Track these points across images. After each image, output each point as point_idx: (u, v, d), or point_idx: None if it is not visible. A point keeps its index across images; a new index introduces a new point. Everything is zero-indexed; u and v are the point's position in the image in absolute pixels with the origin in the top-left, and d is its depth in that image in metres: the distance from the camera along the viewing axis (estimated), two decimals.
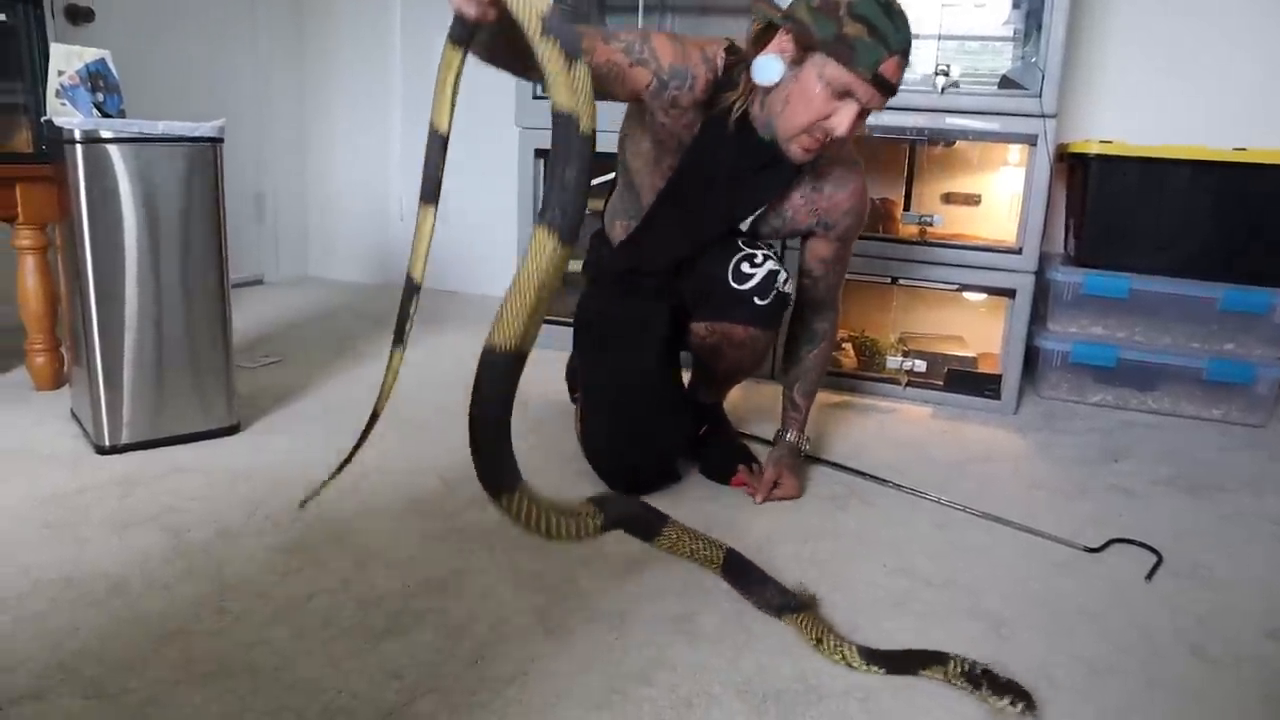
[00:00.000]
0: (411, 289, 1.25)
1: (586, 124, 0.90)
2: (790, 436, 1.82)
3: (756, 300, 1.63)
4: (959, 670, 1.13)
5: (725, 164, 1.62)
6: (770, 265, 1.63)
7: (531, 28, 0.90)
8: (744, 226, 1.73)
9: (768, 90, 1.52)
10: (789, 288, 1.67)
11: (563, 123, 0.90)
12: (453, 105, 1.19)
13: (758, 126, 1.57)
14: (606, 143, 1.10)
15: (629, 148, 1.70)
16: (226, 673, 1.10)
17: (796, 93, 1.47)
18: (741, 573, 1.35)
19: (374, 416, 1.29)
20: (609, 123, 1.19)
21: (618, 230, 1.81)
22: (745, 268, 1.63)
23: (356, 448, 1.33)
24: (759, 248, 1.66)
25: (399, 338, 1.26)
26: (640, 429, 1.71)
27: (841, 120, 1.46)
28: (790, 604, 1.28)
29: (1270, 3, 2.61)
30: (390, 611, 1.25)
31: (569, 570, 1.39)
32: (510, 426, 1.01)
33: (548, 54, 0.90)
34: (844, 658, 1.17)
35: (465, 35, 1.17)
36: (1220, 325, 2.38)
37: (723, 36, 1.59)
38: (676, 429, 1.79)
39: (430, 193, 1.21)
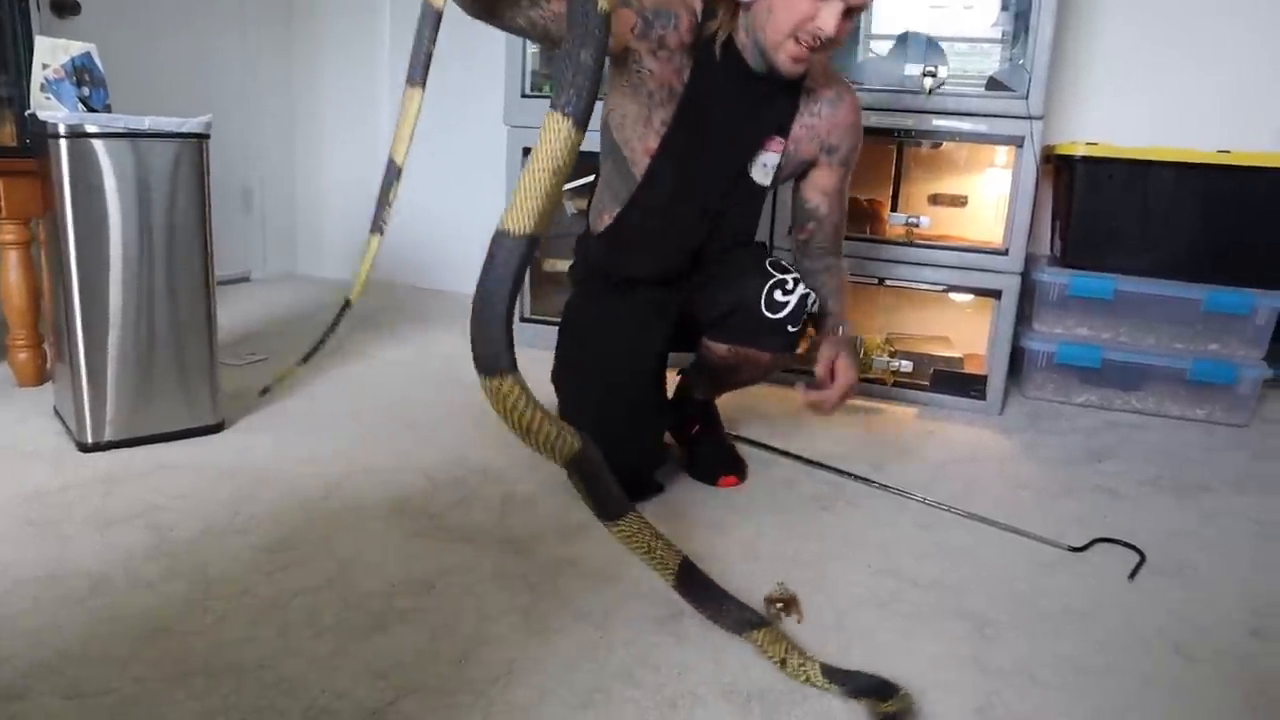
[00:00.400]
0: (393, 173, 1.23)
1: (604, 2, 0.90)
2: (843, 332, 1.68)
3: (789, 328, 1.61)
4: (908, 707, 1.10)
5: (721, 104, 1.61)
6: (801, 290, 1.61)
7: None
8: (756, 176, 1.68)
9: (749, 9, 1.53)
10: (816, 307, 1.67)
11: (581, 1, 0.90)
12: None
13: (746, 56, 1.58)
14: (588, 142, 1.10)
15: (614, 121, 1.66)
16: (209, 672, 1.09)
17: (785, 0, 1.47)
18: (697, 586, 1.26)
19: (347, 303, 1.32)
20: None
21: (605, 221, 1.73)
22: (779, 295, 1.60)
23: (329, 331, 1.34)
24: (787, 271, 1.63)
25: (377, 226, 1.25)
26: (619, 441, 1.55)
27: (828, 18, 1.44)
28: (751, 620, 1.22)
29: (1251, 10, 2.62)
30: (374, 611, 1.25)
31: (553, 569, 1.39)
32: (513, 313, 1.00)
33: None
34: (808, 678, 1.14)
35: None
36: (1204, 326, 2.40)
37: None
38: (656, 442, 1.74)
39: (418, 75, 1.24)
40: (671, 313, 1.71)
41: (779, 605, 1.30)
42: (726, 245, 1.73)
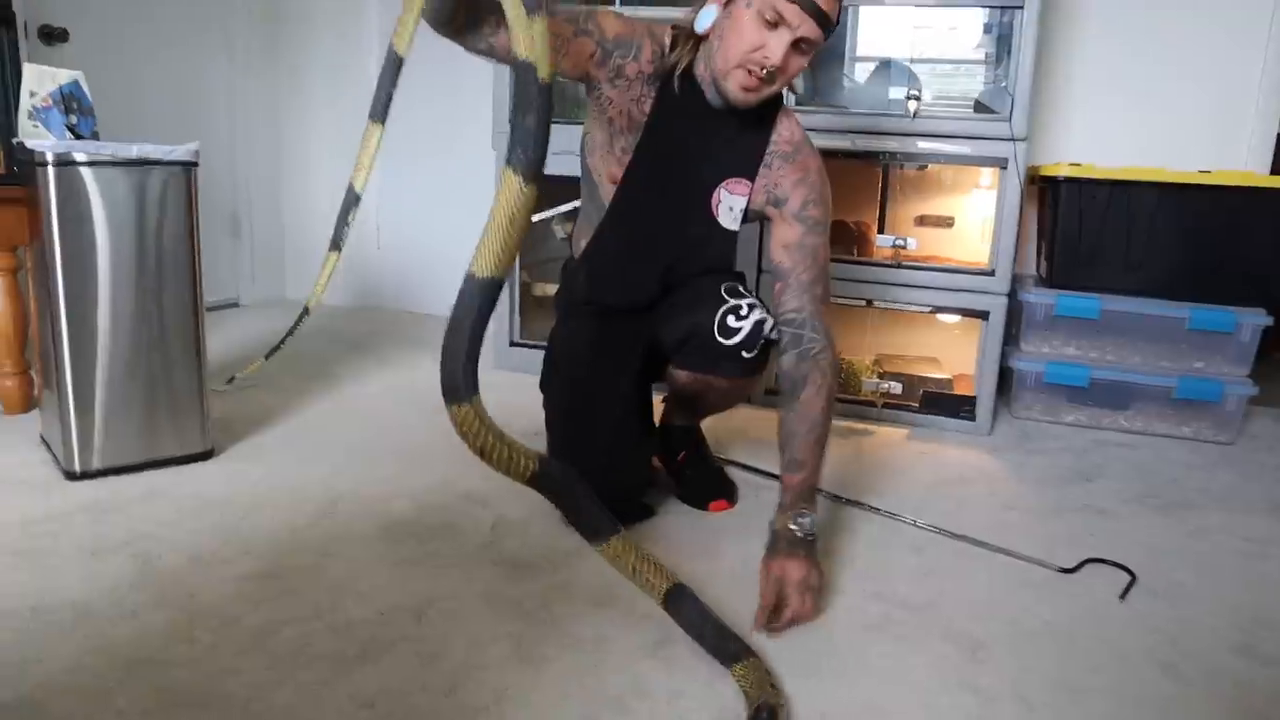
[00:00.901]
0: (352, 198, 1.38)
1: (544, 72, 0.99)
2: (778, 524, 1.46)
3: (744, 354, 1.61)
4: None
5: (681, 138, 1.62)
6: (756, 315, 1.60)
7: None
8: (722, 219, 1.67)
9: (707, 40, 1.55)
10: (775, 334, 1.62)
11: (523, 72, 1.00)
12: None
13: (705, 89, 1.59)
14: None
15: (587, 145, 1.69)
16: (197, 703, 1.08)
17: (729, 27, 1.49)
18: (689, 611, 1.24)
19: (305, 311, 1.44)
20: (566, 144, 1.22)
21: (582, 246, 1.75)
22: (731, 321, 1.60)
23: (287, 335, 1.41)
24: (742, 296, 1.63)
25: (336, 244, 1.41)
26: (605, 466, 1.59)
27: (775, 48, 1.45)
28: (735, 652, 1.20)
29: (1230, 31, 2.66)
30: (363, 639, 1.24)
31: (544, 596, 1.39)
32: (479, 346, 1.09)
33: (511, 6, 1.00)
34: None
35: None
36: (1189, 344, 2.41)
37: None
38: (642, 466, 1.74)
39: (380, 114, 1.35)
40: (644, 341, 1.70)
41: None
42: (696, 275, 1.70)
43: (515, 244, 1.04)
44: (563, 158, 1.82)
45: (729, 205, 1.67)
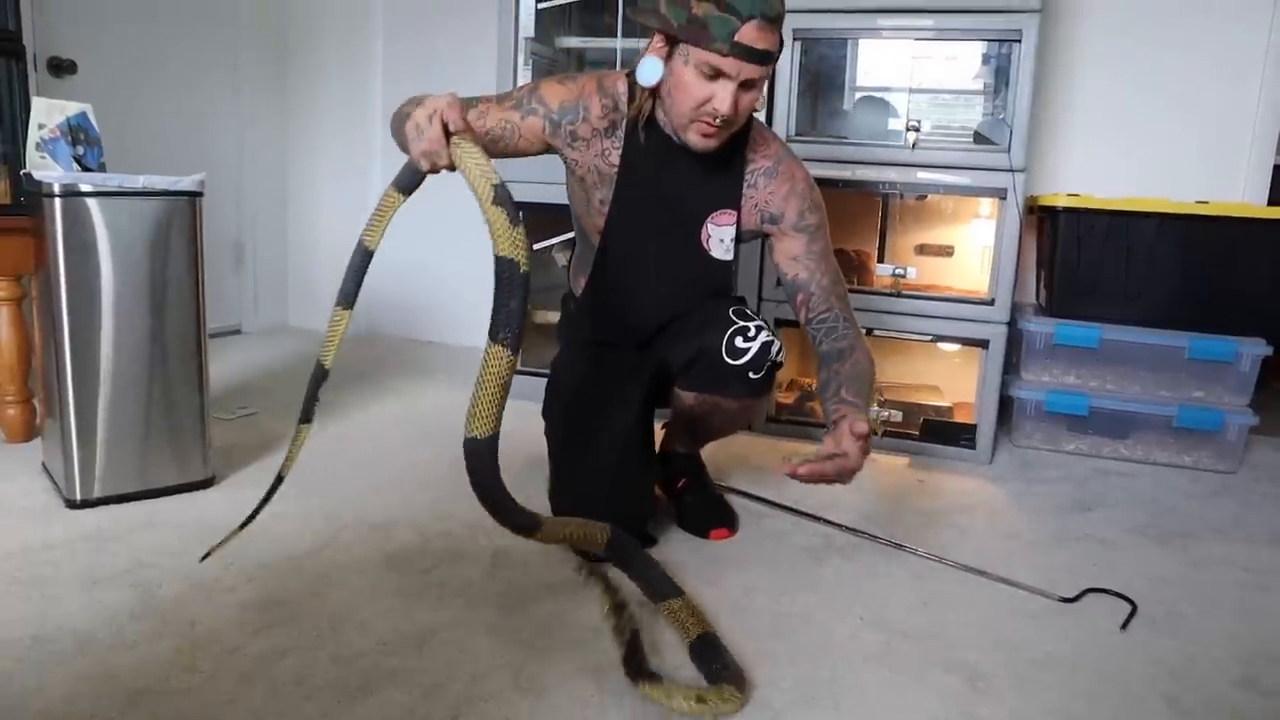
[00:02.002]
0: (321, 375, 1.47)
1: (525, 266, 1.21)
2: (861, 419, 1.41)
3: (751, 375, 1.63)
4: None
5: (661, 180, 1.66)
6: (764, 337, 1.63)
7: (483, 196, 1.24)
8: (715, 252, 1.70)
9: (658, 93, 1.59)
10: (781, 356, 1.66)
11: (506, 266, 1.21)
12: (383, 232, 1.44)
13: (670, 133, 1.63)
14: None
15: (570, 199, 1.77)
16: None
17: (674, 84, 1.53)
18: (626, 553, 1.45)
19: (279, 479, 1.51)
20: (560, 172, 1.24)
21: (580, 284, 1.81)
22: (739, 342, 1.62)
23: (259, 507, 1.50)
24: (750, 319, 1.65)
25: (306, 416, 1.50)
26: (607, 497, 1.62)
27: (723, 99, 1.48)
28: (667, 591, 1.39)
29: (1226, 65, 2.69)
30: (364, 669, 1.24)
31: (545, 626, 1.39)
32: (504, 488, 1.30)
33: (495, 217, 1.22)
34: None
35: (413, 184, 1.42)
36: (1189, 373, 2.42)
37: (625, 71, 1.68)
38: (645, 496, 1.73)
39: (347, 298, 1.43)
40: (650, 369, 1.72)
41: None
42: (699, 305, 1.73)
43: (503, 404, 1.25)
44: (542, 187, 1.85)
45: (719, 238, 1.70)
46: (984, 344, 2.41)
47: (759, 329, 1.63)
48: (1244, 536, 1.95)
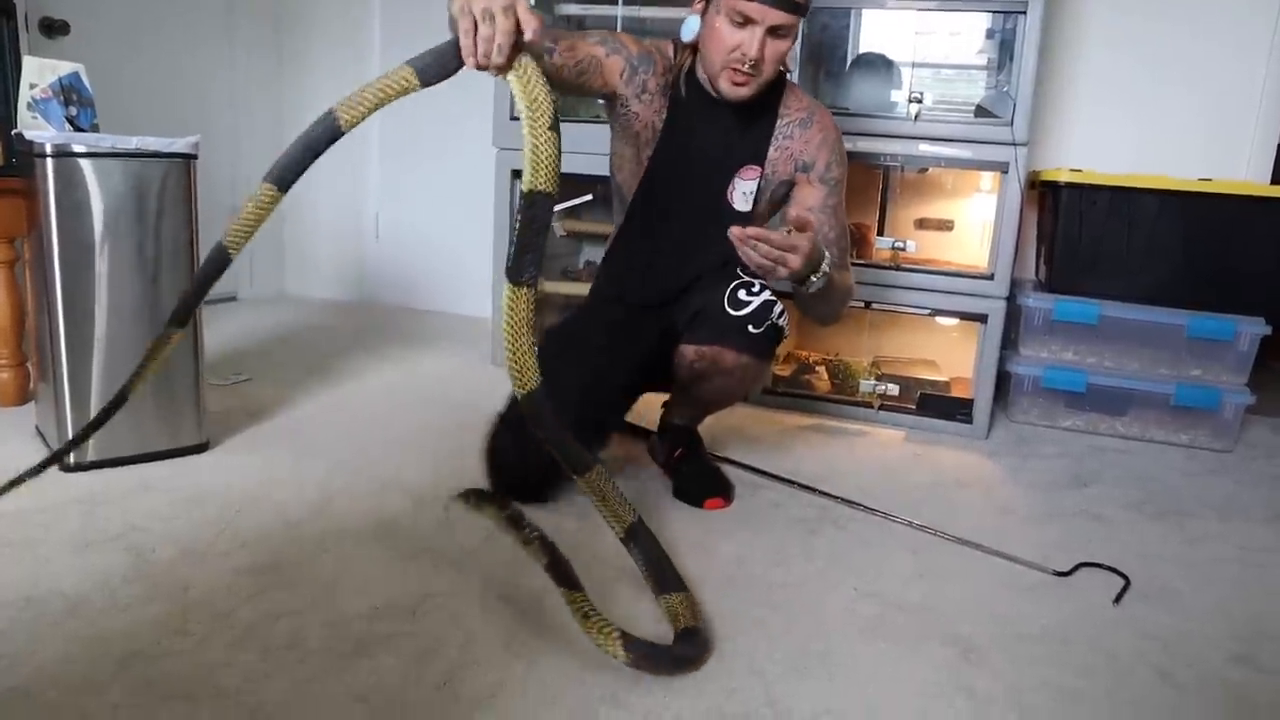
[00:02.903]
0: (223, 261, 1.22)
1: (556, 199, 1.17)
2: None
3: (750, 328, 1.65)
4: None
5: (697, 135, 1.75)
6: (767, 295, 1.67)
7: (539, 120, 1.14)
8: (737, 204, 1.77)
9: (696, 48, 1.69)
10: (783, 321, 1.69)
11: (542, 201, 1.15)
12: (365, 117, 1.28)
13: (708, 87, 1.72)
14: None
15: (615, 164, 1.85)
16: (189, 696, 1.08)
17: (708, 35, 1.64)
18: (646, 543, 1.36)
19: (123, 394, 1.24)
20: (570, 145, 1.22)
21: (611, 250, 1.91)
22: (742, 294, 1.67)
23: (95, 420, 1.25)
24: (756, 279, 1.68)
25: (180, 320, 1.24)
26: (579, 403, 1.62)
27: (750, 45, 1.58)
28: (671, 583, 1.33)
29: (1232, 41, 2.66)
30: (357, 634, 1.24)
31: (538, 593, 1.38)
32: (564, 430, 1.25)
33: (547, 146, 1.14)
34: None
35: (440, 75, 1.27)
36: (1187, 351, 2.41)
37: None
38: (592, 438, 1.71)
39: (284, 180, 1.28)
40: (649, 338, 1.75)
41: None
42: (715, 269, 1.77)
43: (533, 349, 1.19)
44: (570, 156, 1.84)
45: (743, 190, 1.79)
46: (982, 319, 2.40)
47: (764, 288, 1.68)
48: (1240, 514, 1.95)
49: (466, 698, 1.11)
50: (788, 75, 1.81)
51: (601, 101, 1.83)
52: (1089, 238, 2.46)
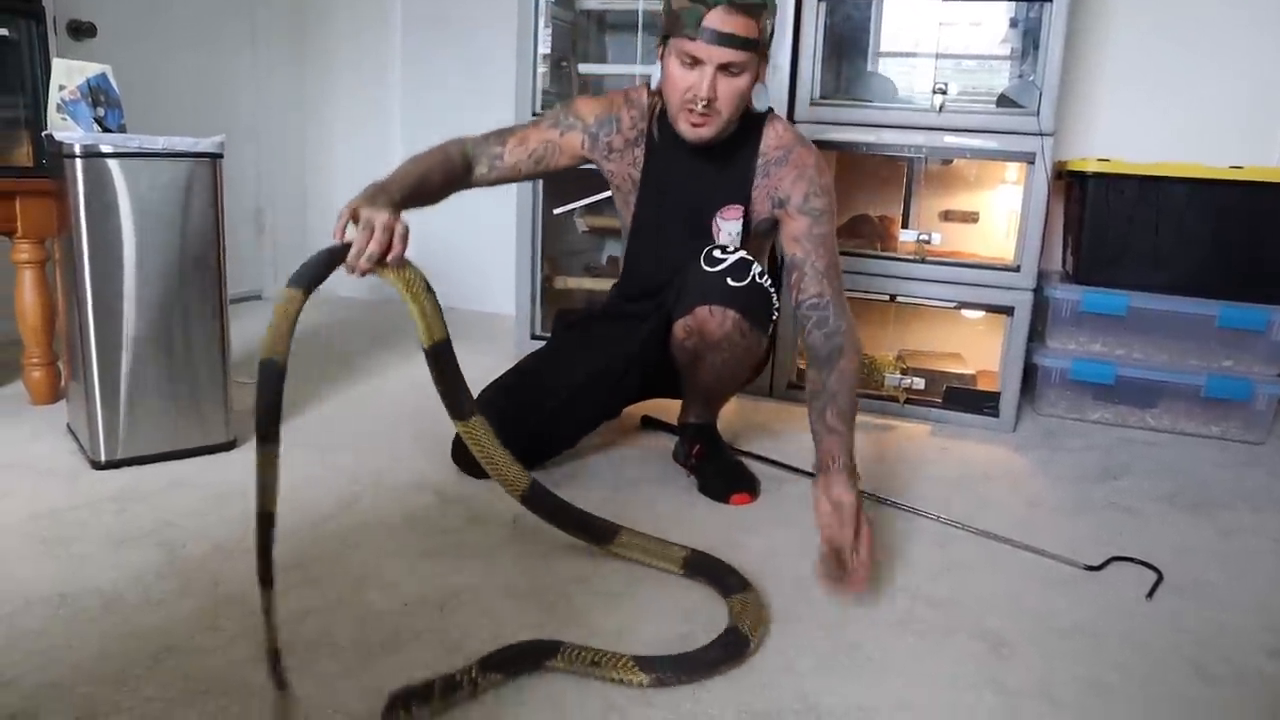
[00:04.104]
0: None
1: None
2: (841, 461, 1.47)
3: (730, 281, 1.65)
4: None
5: (675, 179, 1.77)
6: (743, 254, 1.68)
7: (415, 286, 1.37)
8: (724, 241, 1.77)
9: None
10: (767, 282, 1.69)
11: (443, 348, 1.39)
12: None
13: (679, 132, 1.70)
14: None
15: (615, 203, 1.91)
16: (221, 691, 1.09)
17: (665, 79, 1.64)
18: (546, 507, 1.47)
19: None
20: None
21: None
22: (717, 254, 1.68)
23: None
24: (729, 245, 1.73)
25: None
26: (544, 418, 1.78)
27: (700, 84, 1.57)
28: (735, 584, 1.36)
29: (1264, 23, 2.62)
30: (386, 629, 1.25)
31: (565, 588, 1.39)
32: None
33: (424, 305, 1.37)
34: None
35: (318, 282, 1.32)
36: (1218, 342, 2.38)
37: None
38: (561, 438, 1.88)
39: (264, 429, 1.17)
40: (645, 329, 1.79)
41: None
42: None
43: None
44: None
45: (727, 231, 1.79)
46: (1009, 311, 2.38)
47: (737, 250, 1.69)
48: (1273, 506, 1.92)
49: (495, 692, 1.11)
50: (769, 109, 1.75)
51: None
52: (1117, 228, 2.43)
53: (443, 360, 1.37)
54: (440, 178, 1.66)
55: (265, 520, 1.10)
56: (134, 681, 1.10)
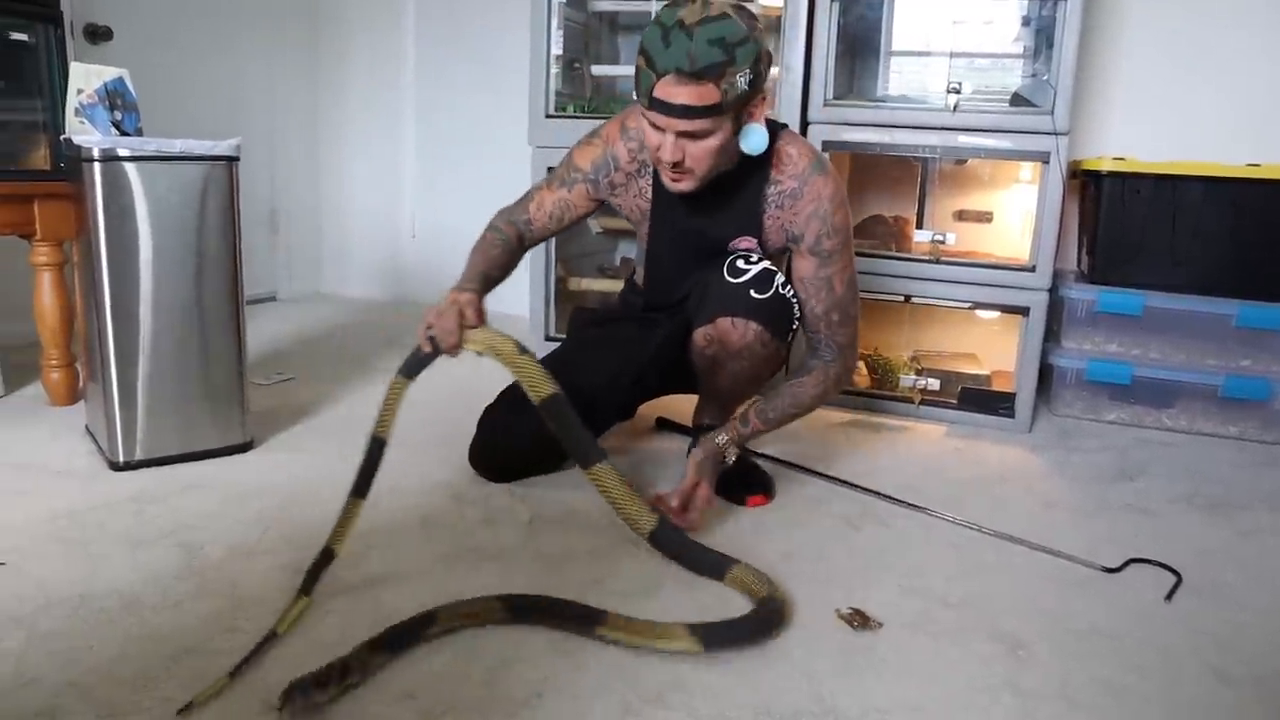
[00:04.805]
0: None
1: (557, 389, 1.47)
2: (720, 438, 1.67)
3: (754, 293, 1.65)
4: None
5: (683, 211, 1.73)
6: (766, 265, 1.68)
7: (506, 356, 1.53)
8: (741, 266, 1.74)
9: None
10: (789, 292, 1.69)
11: (557, 401, 1.46)
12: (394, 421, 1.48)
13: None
14: None
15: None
16: (240, 692, 1.09)
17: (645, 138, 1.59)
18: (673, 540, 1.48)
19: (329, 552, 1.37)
20: None
21: (638, 275, 1.97)
22: (740, 264, 1.68)
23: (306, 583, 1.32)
24: (753, 253, 1.72)
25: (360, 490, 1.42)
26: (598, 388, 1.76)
27: (665, 148, 1.52)
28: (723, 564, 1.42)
29: (1278, 20, 2.61)
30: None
31: (582, 590, 1.39)
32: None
33: (525, 366, 1.51)
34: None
35: (419, 369, 1.55)
36: (1236, 342, 2.36)
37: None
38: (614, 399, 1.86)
39: (359, 489, 1.42)
40: (664, 329, 1.81)
41: (855, 622, 1.33)
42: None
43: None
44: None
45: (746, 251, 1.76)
46: (1024, 311, 2.37)
47: (760, 260, 1.69)
48: None
49: (514, 694, 1.11)
50: (781, 131, 1.70)
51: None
52: (1133, 227, 2.42)
53: (557, 414, 1.45)
54: (500, 253, 1.75)
55: (327, 556, 1.35)
56: (153, 682, 1.10)
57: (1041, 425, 2.44)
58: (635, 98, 1.55)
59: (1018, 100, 2.43)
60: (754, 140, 1.58)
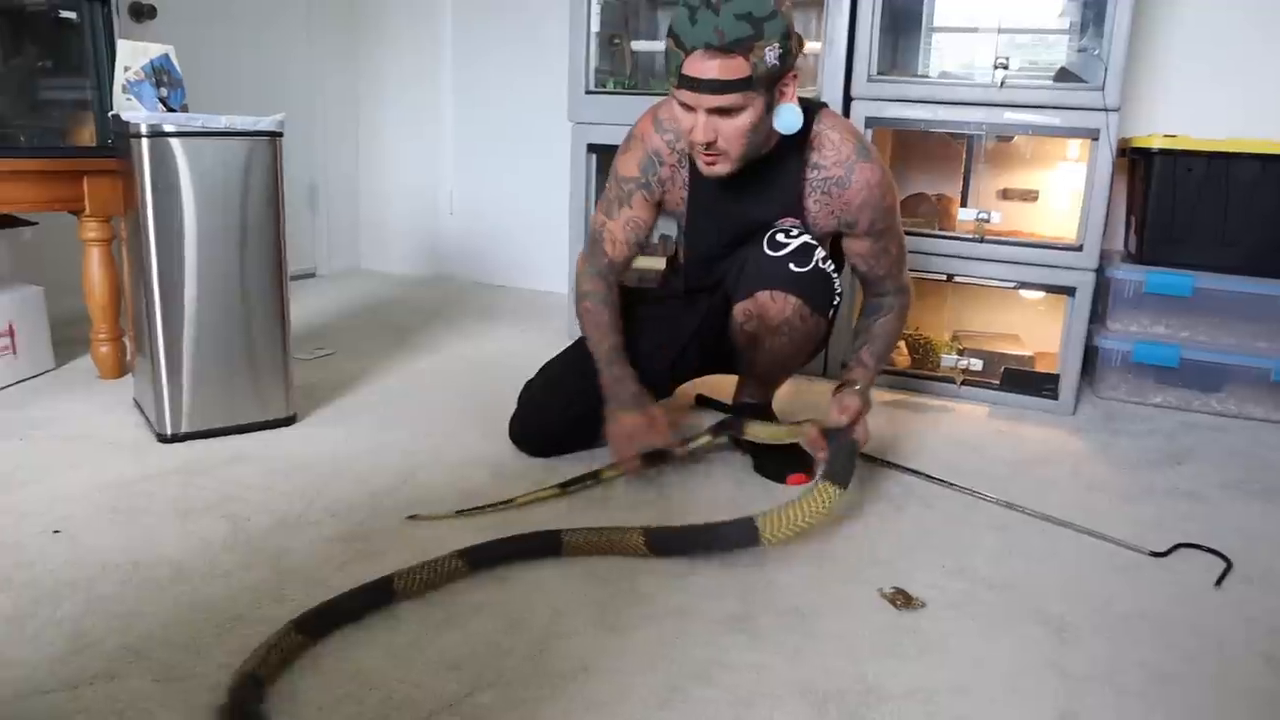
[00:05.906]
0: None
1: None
2: (859, 386, 1.70)
3: (793, 266, 1.64)
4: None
5: (720, 195, 1.71)
6: (806, 238, 1.66)
7: (766, 436, 1.78)
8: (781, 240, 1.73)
9: None
10: (829, 267, 1.67)
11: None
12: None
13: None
14: None
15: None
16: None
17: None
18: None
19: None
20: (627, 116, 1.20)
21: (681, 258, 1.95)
22: (780, 238, 1.66)
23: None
24: (794, 228, 1.69)
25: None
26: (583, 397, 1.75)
27: (697, 129, 1.51)
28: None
29: None
30: (447, 603, 1.26)
31: (627, 565, 1.39)
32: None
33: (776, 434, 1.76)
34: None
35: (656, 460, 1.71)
36: None
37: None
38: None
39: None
40: (704, 307, 1.82)
41: (898, 602, 1.33)
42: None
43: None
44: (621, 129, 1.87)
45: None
46: (1070, 291, 2.33)
47: (801, 233, 1.67)
48: None
49: (559, 668, 1.12)
50: (819, 111, 1.68)
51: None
52: (1183, 207, 2.36)
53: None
54: (609, 314, 1.77)
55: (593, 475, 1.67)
56: (204, 649, 1.13)
57: (1085, 408, 2.40)
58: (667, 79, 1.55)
59: (1064, 75, 2.38)
60: (787, 119, 1.55)
